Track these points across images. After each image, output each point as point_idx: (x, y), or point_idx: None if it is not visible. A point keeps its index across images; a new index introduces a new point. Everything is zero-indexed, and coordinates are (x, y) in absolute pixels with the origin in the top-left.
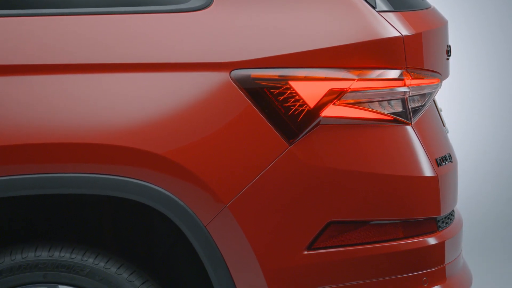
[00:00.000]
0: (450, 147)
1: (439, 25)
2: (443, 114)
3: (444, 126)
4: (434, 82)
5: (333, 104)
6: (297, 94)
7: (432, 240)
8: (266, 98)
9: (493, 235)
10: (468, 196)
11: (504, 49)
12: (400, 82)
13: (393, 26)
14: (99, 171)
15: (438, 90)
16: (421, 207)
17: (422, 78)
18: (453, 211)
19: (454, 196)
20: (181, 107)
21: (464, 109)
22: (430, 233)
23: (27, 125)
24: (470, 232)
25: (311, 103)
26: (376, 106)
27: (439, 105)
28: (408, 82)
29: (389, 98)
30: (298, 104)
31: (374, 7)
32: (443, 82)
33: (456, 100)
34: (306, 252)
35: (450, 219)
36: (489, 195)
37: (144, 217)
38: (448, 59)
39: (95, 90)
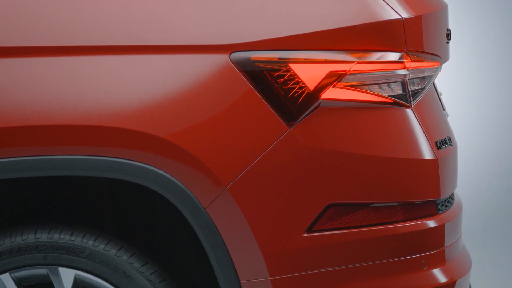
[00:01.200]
0: (450, 131)
1: (439, 8)
2: (443, 98)
3: (444, 110)
4: (434, 65)
5: (333, 87)
6: (297, 77)
7: (431, 223)
8: (266, 80)
9: (493, 226)
10: (468, 186)
11: (504, 34)
12: (400, 65)
13: (393, 9)
14: (99, 153)
15: (438, 74)
16: (421, 190)
17: (422, 61)
18: (452, 194)
19: (454, 180)
20: (181, 89)
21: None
22: (429, 216)
23: (27, 107)
24: (471, 223)
25: (311, 85)
26: (376, 88)
27: (439, 89)
28: (408, 64)
29: (389, 81)
30: (298, 86)
31: None
32: (443, 66)
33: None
34: (306, 235)
35: (450, 203)
36: (489, 186)
37: (144, 200)
38: (448, 42)
39: (95, 73)
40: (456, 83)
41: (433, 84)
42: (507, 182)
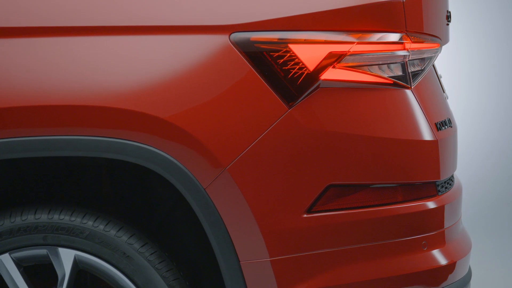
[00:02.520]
0: (449, 112)
1: None
2: (442, 80)
3: (444, 92)
4: (434, 47)
5: (332, 67)
6: (297, 57)
7: (431, 204)
8: (265, 61)
9: (493, 214)
10: (469, 175)
11: (504, 19)
12: (400, 46)
13: None
14: (99, 134)
15: (438, 55)
16: (420, 171)
17: (422, 42)
18: (452, 176)
19: (454, 161)
20: (180, 70)
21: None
22: (429, 197)
23: (27, 88)
24: (471, 211)
25: (311, 66)
26: (375, 69)
27: (439, 72)
28: (408, 46)
29: (388, 62)
30: (297, 67)
31: None
32: (443, 48)
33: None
34: (305, 215)
35: (450, 184)
36: (490, 174)
37: (143, 182)
38: (448, 24)
39: (95, 53)
40: (456, 68)
41: (433, 66)
42: (507, 171)
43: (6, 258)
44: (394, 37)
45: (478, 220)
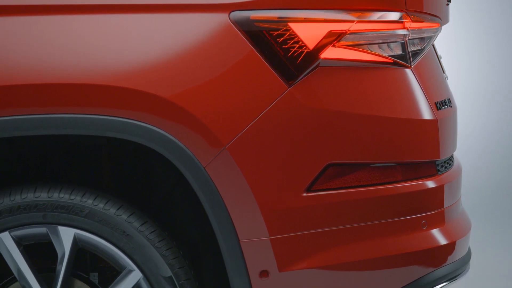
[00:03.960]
0: (449, 93)
1: None
2: (442, 61)
3: (443, 72)
4: (434, 26)
5: (332, 46)
6: (297, 36)
7: (431, 184)
8: (265, 39)
9: (493, 203)
10: (469, 163)
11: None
12: (400, 25)
13: None
14: (100, 112)
15: (437, 35)
16: (420, 150)
17: (422, 22)
18: (452, 156)
19: (454, 142)
20: (180, 48)
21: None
22: (429, 176)
23: (29, 66)
24: (471, 199)
25: (311, 45)
26: (375, 48)
27: (439, 52)
28: (408, 25)
29: (388, 41)
30: (297, 46)
31: None
32: (443, 28)
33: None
34: (305, 194)
35: (450, 164)
36: (490, 163)
37: (143, 162)
38: (448, 4)
39: (96, 31)
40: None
41: (433, 46)
42: (507, 159)
43: (6, 237)
44: (394, 16)
45: (478, 209)
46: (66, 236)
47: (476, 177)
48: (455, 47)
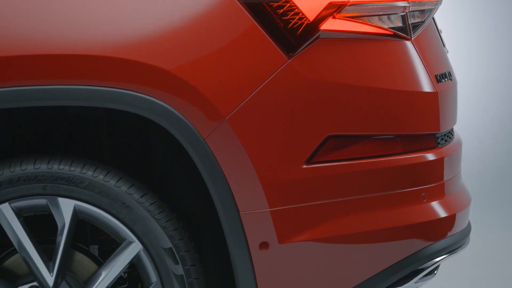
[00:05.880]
0: (450, 66)
1: None
2: (442, 35)
3: (444, 46)
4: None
5: (332, 18)
6: (296, 7)
7: (431, 156)
8: (265, 11)
9: (494, 188)
10: (469, 148)
11: None
12: None
13: None
14: (99, 83)
15: (438, 8)
16: (420, 123)
17: None
18: (452, 130)
19: (454, 115)
20: (181, 20)
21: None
22: (429, 149)
23: (27, 37)
24: (472, 186)
25: (311, 16)
26: (375, 20)
27: (439, 27)
28: None
29: (389, 13)
30: (297, 17)
31: None
32: (443, 1)
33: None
34: (305, 166)
35: (450, 138)
36: (490, 148)
37: (143, 135)
38: None
39: (96, 2)
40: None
41: (434, 20)
42: (507, 145)
43: (6, 208)
44: None
45: (479, 194)
46: (66, 208)
47: (477, 162)
48: (456, 22)
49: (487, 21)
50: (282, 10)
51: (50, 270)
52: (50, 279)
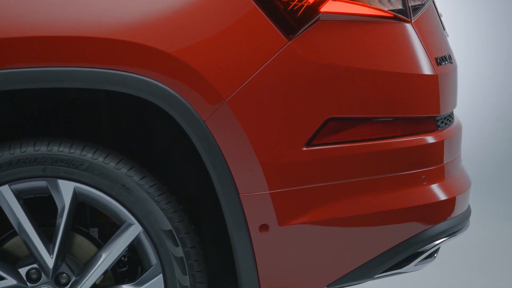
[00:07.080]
0: (450, 49)
1: None
2: (443, 19)
3: (444, 29)
4: None
5: (332, 0)
6: None
7: (431, 139)
8: None
9: (496, 177)
10: (470, 138)
11: None
12: None
13: None
14: (99, 65)
15: None
16: (420, 105)
17: None
18: (452, 113)
19: (454, 98)
20: (181, 3)
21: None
22: (429, 132)
23: (27, 18)
24: (473, 172)
25: None
26: (376, 2)
27: (439, 10)
28: None
29: None
30: None
31: None
32: None
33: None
34: (305, 148)
35: (450, 121)
36: (491, 137)
37: (143, 118)
38: None
39: None
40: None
41: (434, 3)
42: (508, 134)
43: (6, 190)
44: None
45: (480, 182)
46: (66, 190)
47: (477, 151)
48: (456, 8)
49: (489, 7)
50: None
51: (50, 252)
52: (50, 261)
